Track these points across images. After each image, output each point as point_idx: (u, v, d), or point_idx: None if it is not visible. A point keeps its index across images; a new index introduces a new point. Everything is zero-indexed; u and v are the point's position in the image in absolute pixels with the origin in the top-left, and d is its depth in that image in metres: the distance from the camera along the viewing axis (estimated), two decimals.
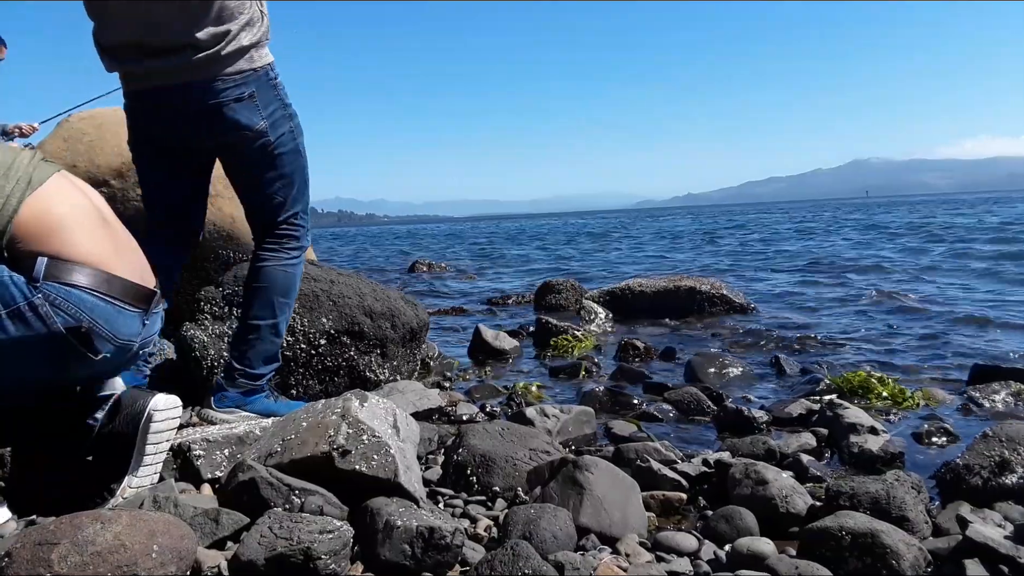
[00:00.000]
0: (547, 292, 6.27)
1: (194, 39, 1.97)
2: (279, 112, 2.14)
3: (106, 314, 1.46)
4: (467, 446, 1.91)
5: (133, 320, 1.53)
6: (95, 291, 1.44)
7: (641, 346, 4.00)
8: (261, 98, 2.09)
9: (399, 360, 3.07)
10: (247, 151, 2.13)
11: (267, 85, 2.11)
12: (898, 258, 9.97)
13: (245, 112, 2.06)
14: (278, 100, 2.14)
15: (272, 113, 2.12)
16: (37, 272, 1.39)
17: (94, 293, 1.44)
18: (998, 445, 1.82)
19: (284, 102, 2.17)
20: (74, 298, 1.41)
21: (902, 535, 1.37)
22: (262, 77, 2.10)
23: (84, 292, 1.43)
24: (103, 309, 1.46)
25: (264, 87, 2.10)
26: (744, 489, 1.75)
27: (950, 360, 3.56)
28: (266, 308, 2.20)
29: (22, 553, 1.11)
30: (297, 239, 2.28)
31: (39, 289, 1.38)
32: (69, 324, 1.40)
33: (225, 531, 1.40)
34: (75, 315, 1.41)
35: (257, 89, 2.08)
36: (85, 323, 1.42)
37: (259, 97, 2.08)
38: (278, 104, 2.14)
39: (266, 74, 2.11)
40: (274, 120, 2.13)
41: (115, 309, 1.48)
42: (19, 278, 1.37)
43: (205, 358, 2.63)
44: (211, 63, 2.00)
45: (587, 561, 1.37)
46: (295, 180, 2.23)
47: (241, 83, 2.05)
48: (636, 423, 2.55)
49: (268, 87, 2.11)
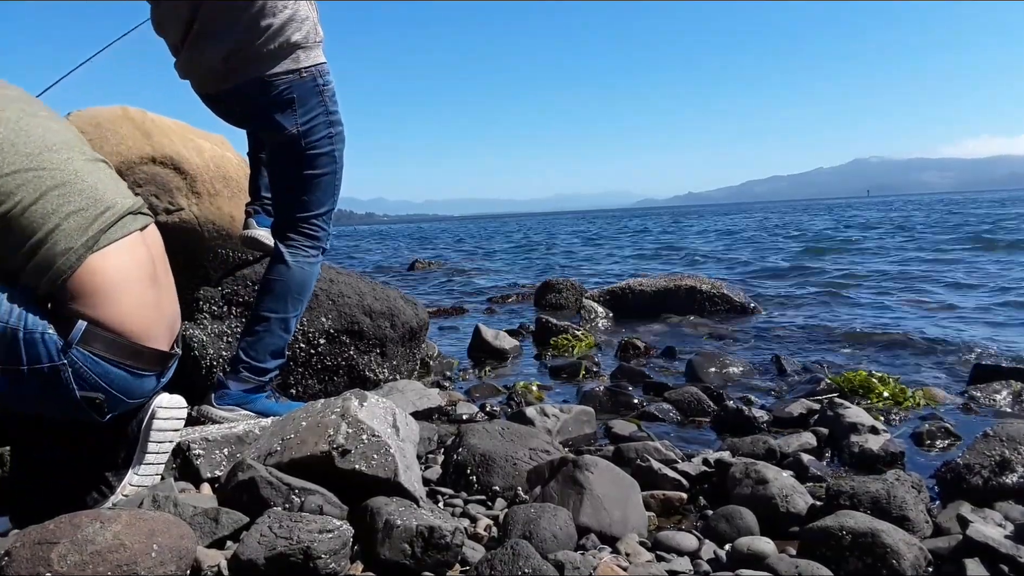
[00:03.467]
0: (547, 291, 6.27)
1: (235, 37, 2.01)
2: (320, 119, 2.15)
3: (126, 382, 1.49)
4: (467, 445, 1.91)
5: (149, 382, 1.56)
6: (122, 364, 1.47)
7: (641, 345, 3.99)
8: (302, 104, 2.10)
9: (399, 359, 3.07)
10: (280, 149, 2.18)
11: (312, 90, 2.12)
12: (899, 258, 9.97)
13: (280, 116, 2.10)
14: (321, 107, 2.15)
15: (311, 120, 2.13)
16: (73, 337, 1.40)
17: (121, 365, 1.46)
18: (999, 445, 1.82)
19: (328, 109, 2.17)
20: (100, 370, 1.43)
21: (903, 535, 1.37)
22: (308, 82, 2.10)
23: (111, 364, 1.45)
24: (123, 378, 1.48)
25: (308, 92, 2.11)
26: (744, 489, 1.74)
27: (951, 360, 3.56)
28: (278, 302, 2.19)
29: (22, 552, 1.11)
30: (317, 240, 2.28)
31: (69, 355, 1.39)
32: (86, 393, 1.42)
33: (225, 530, 1.40)
34: (95, 385, 1.43)
35: (299, 95, 2.10)
36: (102, 395, 1.45)
37: (299, 103, 2.10)
38: (320, 111, 2.15)
39: (313, 79, 2.11)
40: (312, 126, 2.14)
41: (135, 377, 1.51)
42: (52, 338, 1.38)
43: (204, 357, 2.63)
44: (255, 62, 2.04)
45: (587, 560, 1.36)
46: (322, 185, 2.23)
47: (284, 88, 2.07)
48: (636, 422, 2.55)
49: (313, 92, 2.12)
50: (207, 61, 2.08)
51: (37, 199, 1.41)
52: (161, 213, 2.74)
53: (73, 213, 1.44)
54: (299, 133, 2.12)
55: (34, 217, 1.41)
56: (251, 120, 2.26)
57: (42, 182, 1.43)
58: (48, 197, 1.42)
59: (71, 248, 1.42)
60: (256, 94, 2.08)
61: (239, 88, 2.09)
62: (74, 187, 1.47)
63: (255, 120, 2.22)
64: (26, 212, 1.40)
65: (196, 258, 3.22)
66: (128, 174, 3.19)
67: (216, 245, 3.43)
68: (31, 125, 1.51)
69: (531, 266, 12.33)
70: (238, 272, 2.86)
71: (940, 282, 6.95)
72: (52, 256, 1.41)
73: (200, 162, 2.88)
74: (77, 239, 1.43)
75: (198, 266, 3.37)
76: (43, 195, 1.42)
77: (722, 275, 7.91)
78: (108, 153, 3.26)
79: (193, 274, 3.29)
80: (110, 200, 1.51)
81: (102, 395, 1.45)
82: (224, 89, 2.12)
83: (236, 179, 3.00)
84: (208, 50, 2.06)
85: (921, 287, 6.61)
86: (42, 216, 1.41)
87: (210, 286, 2.87)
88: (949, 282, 6.93)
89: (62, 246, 1.41)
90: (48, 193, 1.43)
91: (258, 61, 2.05)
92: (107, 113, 3.04)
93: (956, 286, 6.64)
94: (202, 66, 2.10)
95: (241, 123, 2.35)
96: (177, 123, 3.05)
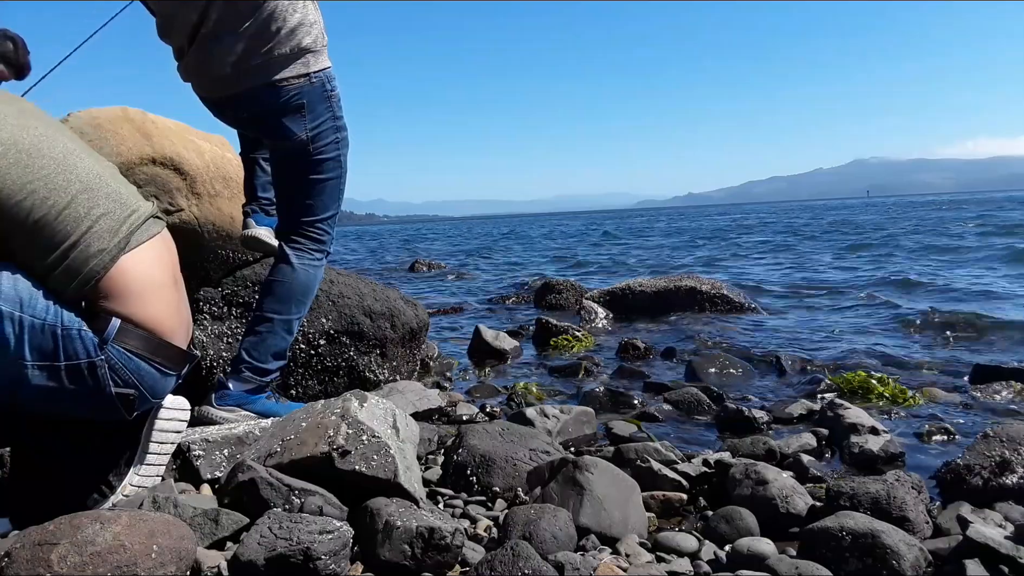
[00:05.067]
0: (547, 292, 6.27)
1: (245, 41, 2.00)
2: (327, 124, 2.16)
3: (153, 379, 1.52)
4: (467, 446, 1.91)
5: (171, 381, 1.60)
6: (152, 359, 1.50)
7: (641, 346, 3.99)
8: (311, 110, 2.11)
9: (399, 360, 3.07)
10: (287, 154, 2.18)
11: (320, 96, 2.13)
12: (900, 258, 9.97)
13: (291, 122, 2.10)
14: (329, 112, 2.16)
15: (319, 125, 2.14)
16: (108, 333, 1.44)
17: (152, 362, 1.50)
18: (999, 445, 1.82)
19: (335, 114, 2.18)
20: (133, 365, 1.47)
21: (902, 535, 1.37)
22: (317, 88, 2.11)
23: (143, 360, 1.49)
24: (152, 375, 1.51)
25: (317, 98, 2.12)
26: (744, 489, 1.74)
27: (951, 359, 3.56)
28: (282, 303, 2.20)
29: (22, 553, 1.11)
30: (322, 243, 2.28)
31: (105, 351, 1.43)
32: (120, 389, 1.46)
33: (225, 531, 1.40)
34: (128, 381, 1.47)
35: (309, 100, 2.10)
36: (134, 391, 1.48)
37: (308, 108, 2.11)
38: (328, 116, 2.16)
39: (321, 84, 2.12)
40: (320, 131, 2.15)
41: (161, 375, 1.54)
42: (89, 335, 1.42)
43: (204, 358, 2.63)
44: (264, 66, 2.04)
45: (587, 561, 1.36)
46: (328, 189, 2.24)
47: (295, 93, 2.08)
48: (636, 423, 2.55)
49: (321, 98, 2.13)
50: (215, 65, 2.06)
51: (68, 203, 1.45)
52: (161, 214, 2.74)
53: (103, 216, 1.48)
54: (308, 139, 2.12)
55: (67, 221, 1.44)
56: (258, 125, 2.23)
57: (71, 186, 1.46)
58: (78, 200, 1.46)
59: (104, 249, 1.45)
60: (265, 99, 2.08)
61: (248, 93, 2.08)
62: (100, 191, 1.50)
63: (262, 125, 2.19)
64: (60, 216, 1.43)
65: (196, 259, 3.22)
66: (128, 175, 3.19)
67: (216, 246, 3.43)
68: (51, 132, 1.53)
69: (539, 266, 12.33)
70: (238, 273, 2.86)
71: (940, 280, 6.95)
72: (86, 258, 1.44)
73: (200, 163, 2.88)
74: (109, 240, 1.46)
75: (198, 267, 3.37)
76: (73, 199, 1.45)
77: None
78: (108, 154, 3.26)
79: (193, 275, 3.29)
80: (133, 204, 1.55)
81: (134, 391, 1.48)
82: (232, 94, 2.11)
83: (236, 180, 3.00)
84: (216, 54, 2.04)
85: (921, 284, 6.60)
86: (75, 219, 1.44)
87: (210, 287, 2.87)
88: (950, 280, 6.92)
89: (95, 247, 1.45)
90: (78, 197, 1.46)
91: (268, 65, 2.04)
92: (107, 114, 3.03)
93: (958, 284, 6.63)
94: (210, 70, 2.08)
95: (246, 127, 2.35)
96: (177, 124, 3.05)
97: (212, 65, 2.06)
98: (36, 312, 1.38)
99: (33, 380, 1.39)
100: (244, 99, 2.11)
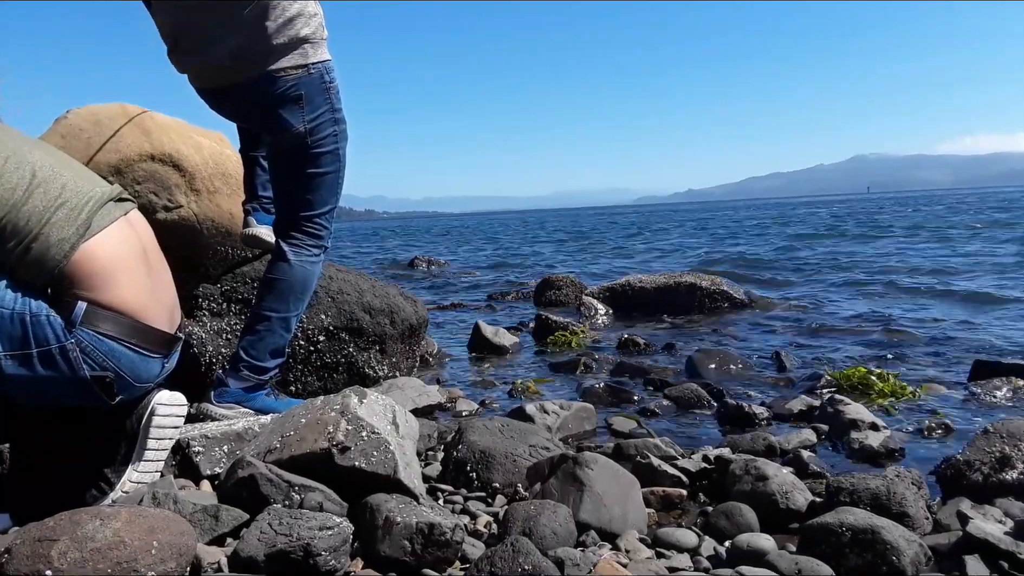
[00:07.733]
0: (547, 288, 6.27)
1: (244, 30, 1.99)
2: (326, 116, 2.15)
3: (131, 362, 1.52)
4: (467, 442, 1.91)
5: (155, 365, 1.60)
6: (126, 341, 1.50)
7: (641, 342, 4.00)
8: (309, 101, 2.10)
9: (398, 356, 3.07)
10: (285, 147, 2.16)
11: (319, 88, 2.11)
12: (900, 255, 9.97)
13: (288, 113, 2.09)
14: (327, 104, 2.14)
15: (317, 117, 2.12)
16: (75, 316, 1.45)
17: (124, 343, 1.50)
18: (999, 441, 1.82)
19: (334, 107, 2.17)
20: (105, 347, 1.47)
21: (902, 531, 1.37)
22: (315, 79, 2.10)
23: (115, 342, 1.49)
24: (129, 358, 1.52)
25: (316, 90, 2.11)
26: (744, 485, 1.74)
27: (951, 355, 3.56)
28: (280, 300, 2.19)
29: (22, 549, 1.10)
30: (320, 239, 2.27)
31: (74, 334, 1.44)
32: (95, 372, 1.46)
33: (225, 527, 1.40)
34: (103, 364, 1.47)
35: (307, 92, 2.09)
36: (111, 373, 1.48)
37: (307, 100, 2.09)
38: (326, 108, 2.14)
39: (320, 76, 2.11)
40: (318, 124, 2.13)
41: (141, 358, 1.54)
42: (57, 320, 1.43)
43: (203, 354, 2.63)
44: (263, 56, 2.02)
45: (587, 557, 1.36)
46: (326, 184, 2.22)
47: (293, 84, 2.07)
48: (636, 419, 2.55)
49: (320, 90, 2.12)
50: (213, 55, 2.04)
51: (27, 198, 1.47)
52: (160, 210, 2.73)
53: (60, 206, 1.49)
54: (306, 131, 2.11)
55: (28, 215, 1.46)
56: (255, 117, 2.21)
57: (27, 182, 1.48)
58: (35, 195, 1.48)
59: (64, 238, 1.47)
60: (263, 89, 2.06)
61: (246, 83, 2.07)
62: (55, 183, 1.51)
63: (260, 117, 2.17)
64: (19, 212, 1.45)
65: (195, 255, 3.22)
66: (127, 171, 3.19)
67: (215, 242, 3.42)
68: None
69: (538, 265, 12.32)
70: (237, 269, 2.85)
71: (940, 281, 6.95)
72: (47, 247, 1.46)
73: (199, 159, 2.88)
74: (68, 228, 1.48)
75: (197, 263, 3.36)
76: (31, 194, 1.47)
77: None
78: (107, 151, 3.25)
79: (192, 271, 3.29)
80: (89, 191, 1.56)
81: (111, 374, 1.48)
82: (229, 84, 2.09)
83: (235, 176, 2.99)
84: (214, 43, 2.03)
85: (922, 284, 6.61)
86: (34, 213, 1.46)
87: (209, 283, 2.86)
88: (949, 280, 6.92)
89: (55, 237, 1.46)
90: (35, 191, 1.48)
91: (266, 55, 2.03)
92: (106, 111, 3.02)
93: (957, 285, 6.63)
94: (208, 60, 2.07)
95: (243, 120, 2.33)
96: (176, 121, 3.04)
97: (210, 54, 2.05)
98: (4, 303, 1.41)
99: (8, 370, 1.40)
100: (242, 89, 2.09)
